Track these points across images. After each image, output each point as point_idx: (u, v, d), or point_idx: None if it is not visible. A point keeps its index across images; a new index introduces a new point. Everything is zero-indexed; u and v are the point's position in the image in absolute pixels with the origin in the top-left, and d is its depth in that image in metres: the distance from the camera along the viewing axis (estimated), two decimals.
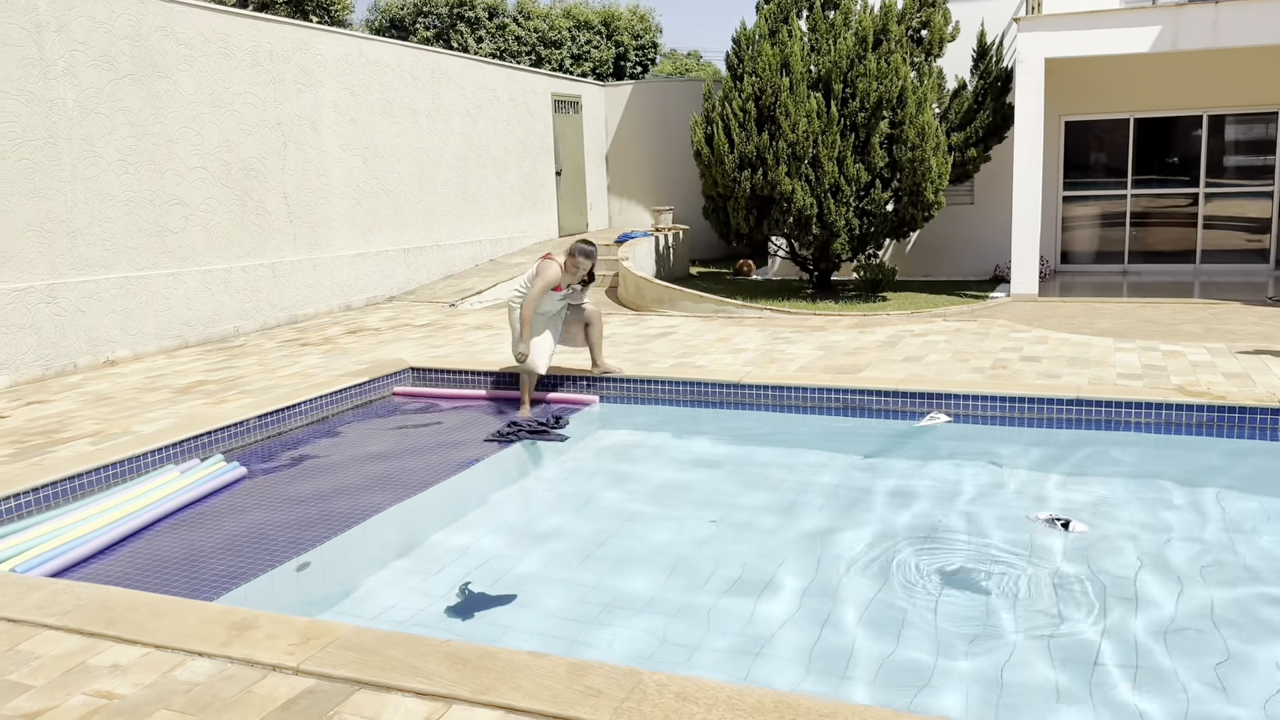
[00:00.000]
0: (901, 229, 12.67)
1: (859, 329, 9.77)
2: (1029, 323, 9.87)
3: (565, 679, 3.01)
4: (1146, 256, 14.20)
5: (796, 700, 2.85)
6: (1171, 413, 6.33)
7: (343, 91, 11.84)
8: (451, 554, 4.74)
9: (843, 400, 7.00)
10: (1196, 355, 7.84)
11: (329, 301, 11.66)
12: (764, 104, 12.21)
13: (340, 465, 6.16)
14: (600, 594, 4.22)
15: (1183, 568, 4.30)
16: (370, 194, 12.35)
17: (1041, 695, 3.32)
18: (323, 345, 9.53)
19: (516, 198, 15.56)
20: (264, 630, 3.42)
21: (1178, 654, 3.57)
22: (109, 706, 3.02)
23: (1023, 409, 6.60)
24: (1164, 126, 13.87)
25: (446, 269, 13.89)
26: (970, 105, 12.83)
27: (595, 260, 7.30)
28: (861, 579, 4.28)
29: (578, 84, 17.57)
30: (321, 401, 7.22)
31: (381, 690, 3.03)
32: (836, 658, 3.61)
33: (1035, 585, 4.16)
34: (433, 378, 8.11)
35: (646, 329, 10.18)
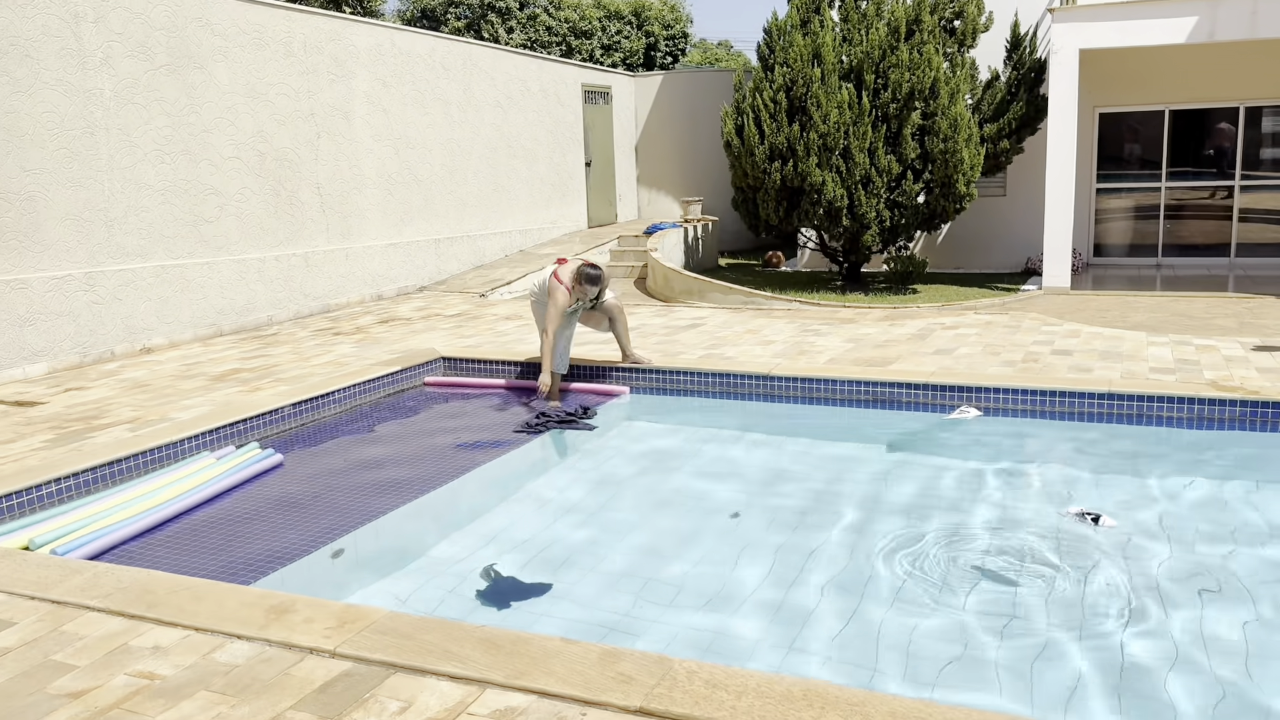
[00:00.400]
0: (933, 221, 12.59)
1: (889, 321, 9.74)
2: (1061, 316, 9.80)
3: (597, 665, 3.05)
4: (1181, 250, 14.03)
5: (825, 689, 2.88)
6: (1204, 408, 6.27)
7: (375, 82, 11.92)
8: (483, 541, 4.79)
9: (872, 393, 6.99)
10: (1230, 350, 7.76)
11: (361, 291, 11.77)
12: (795, 95, 12.17)
13: (373, 453, 6.24)
14: (631, 583, 4.26)
15: (1214, 563, 4.28)
16: (402, 184, 12.44)
17: (1068, 688, 3.32)
18: (355, 334, 9.63)
19: (546, 188, 15.60)
20: (301, 614, 3.48)
21: (1209, 649, 3.55)
22: (150, 687, 3.09)
23: (1054, 403, 6.56)
24: (1199, 118, 13.68)
25: (476, 259, 13.96)
26: (1003, 96, 12.73)
27: (604, 285, 7.26)
28: (889, 571, 4.29)
29: (608, 74, 17.58)
30: (354, 390, 7.31)
31: (417, 674, 3.09)
32: (865, 648, 3.63)
33: (1064, 580, 4.16)
34: (463, 367, 8.17)
35: (675, 320, 10.20)
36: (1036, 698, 3.28)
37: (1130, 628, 3.72)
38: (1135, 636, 3.66)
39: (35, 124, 8.12)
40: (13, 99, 7.95)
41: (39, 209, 8.17)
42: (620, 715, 2.82)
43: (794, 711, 2.77)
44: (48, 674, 3.20)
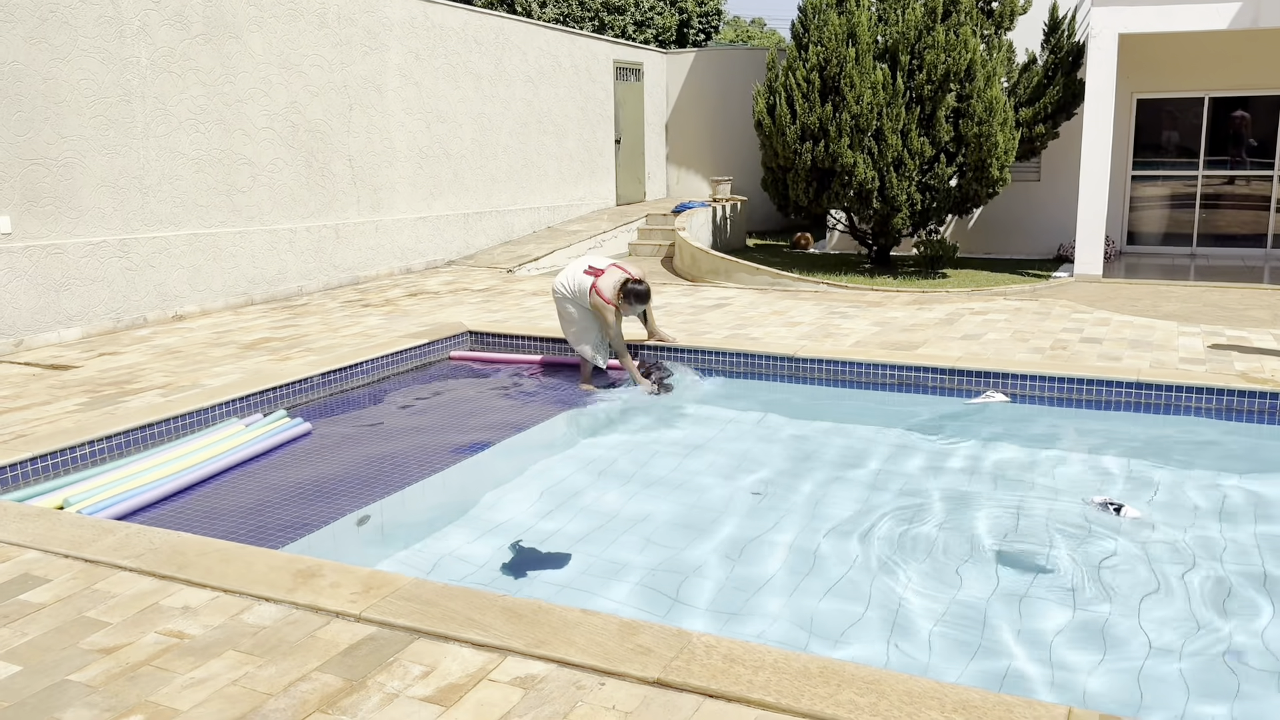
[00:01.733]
0: (964, 205, 12.49)
1: (917, 305, 9.69)
2: (1091, 304, 9.71)
3: (616, 636, 3.09)
4: (1216, 240, 13.84)
5: (842, 667, 2.90)
6: (1234, 399, 6.22)
7: (407, 55, 11.94)
8: (507, 514, 4.84)
9: (898, 376, 6.98)
10: (1262, 341, 7.67)
11: (390, 264, 11.84)
12: (828, 74, 12.08)
13: (400, 424, 6.31)
14: (651, 557, 4.30)
15: (1236, 553, 4.26)
16: (432, 158, 12.47)
17: (1086, 674, 3.33)
18: (384, 307, 9.70)
19: (576, 165, 15.59)
20: (328, 579, 3.54)
21: (1232, 636, 3.55)
22: (180, 645, 3.16)
23: (1081, 391, 6.53)
24: (1240, 107, 13.45)
25: (505, 235, 14.00)
26: (1040, 80, 12.57)
27: (649, 303, 7.10)
28: (911, 554, 4.30)
29: (640, 51, 17.50)
30: (383, 361, 7.37)
31: (440, 640, 3.14)
32: (884, 628, 3.65)
33: (1085, 567, 4.15)
34: (490, 342, 8.22)
35: (702, 300, 10.20)
36: (1054, 680, 3.29)
37: (1147, 615, 3.72)
38: (1151, 624, 3.66)
39: (73, 91, 8.21)
40: (51, 66, 8.03)
41: (75, 175, 8.27)
42: (638, 686, 2.86)
43: (810, 688, 2.80)
44: (80, 630, 3.28)
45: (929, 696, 2.76)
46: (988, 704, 2.72)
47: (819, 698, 2.75)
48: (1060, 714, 2.67)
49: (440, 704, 2.80)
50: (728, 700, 2.78)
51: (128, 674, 3.00)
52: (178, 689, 2.91)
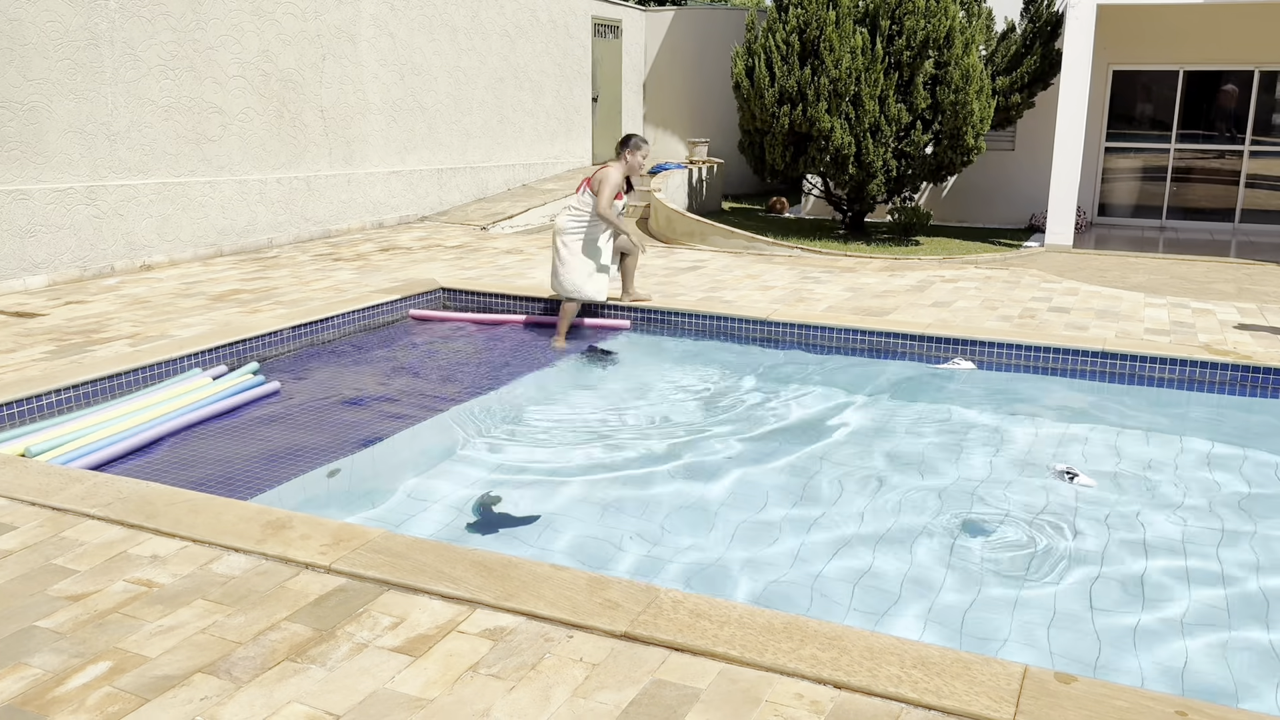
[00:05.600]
0: (939, 173, 12.52)
1: (889, 272, 9.75)
2: (1061, 274, 9.82)
3: (585, 591, 3.13)
4: (1185, 213, 13.99)
5: (806, 623, 2.96)
6: (1196, 370, 6.33)
7: (382, 5, 11.75)
8: (478, 470, 4.87)
9: (868, 342, 7.04)
10: (1226, 314, 7.80)
11: (362, 218, 11.73)
12: (808, 38, 12.01)
13: (371, 379, 6.29)
14: (620, 517, 4.34)
15: (1193, 524, 4.37)
16: (406, 111, 12.32)
17: (1042, 633, 3.42)
18: (355, 261, 9.63)
19: (552, 122, 15.46)
20: (298, 530, 3.56)
21: (1188, 598, 3.65)
22: (149, 594, 3.17)
23: (1047, 359, 6.62)
24: (1214, 80, 13.54)
25: (479, 191, 13.89)
26: (1018, 49, 12.58)
27: (646, 150, 7.25)
28: (873, 516, 4.38)
29: (619, 8, 17.32)
30: (355, 316, 7.34)
31: (410, 592, 3.17)
32: (846, 587, 3.72)
33: (1041, 532, 4.24)
34: (463, 299, 8.20)
35: (676, 262, 10.20)
36: (1010, 639, 3.38)
37: (1100, 578, 3.82)
38: (1105, 587, 3.75)
39: (39, 33, 8.03)
40: (16, 6, 7.84)
41: (41, 119, 8.11)
42: (605, 639, 2.90)
43: (774, 642, 2.86)
44: (48, 577, 3.28)
45: (889, 652, 2.82)
46: (946, 660, 2.79)
47: (782, 652, 2.81)
48: (1016, 671, 2.74)
49: (409, 654, 2.83)
50: (693, 654, 2.83)
51: (96, 621, 3.00)
52: (146, 636, 2.92)
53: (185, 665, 2.77)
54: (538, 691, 2.66)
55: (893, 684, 2.68)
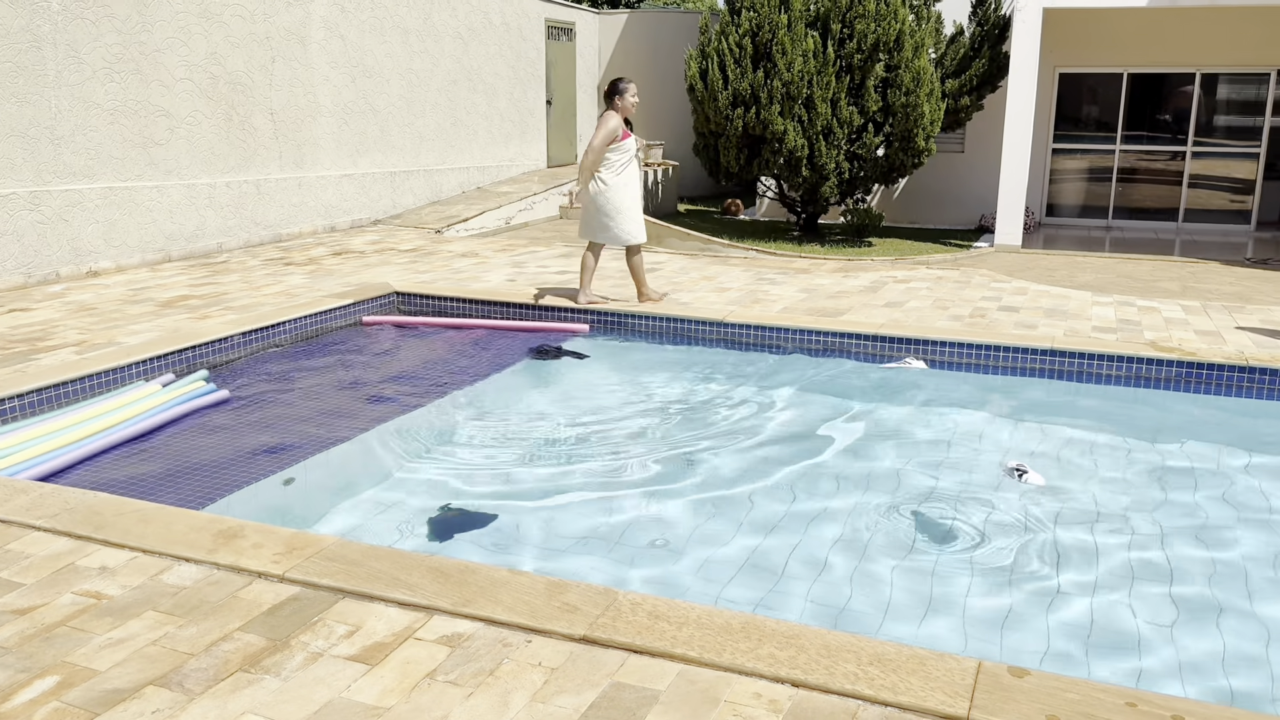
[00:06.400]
0: (891, 175, 12.67)
1: (843, 273, 9.84)
2: (1010, 273, 9.97)
3: (543, 595, 3.12)
4: (1131, 213, 14.29)
5: (763, 622, 2.98)
6: (1142, 367, 6.47)
7: (332, 7, 11.63)
8: (434, 475, 4.83)
9: (822, 342, 7.10)
10: (1171, 312, 7.97)
11: (313, 222, 11.60)
12: (760, 41, 12.09)
13: (324, 385, 6.23)
14: (581, 518, 4.34)
15: (1141, 520, 4.46)
16: (358, 114, 12.21)
17: (996, 630, 3.47)
18: (307, 265, 9.52)
19: (506, 125, 15.41)
20: (250, 539, 3.51)
21: (1131, 592, 3.72)
22: (97, 606, 3.11)
23: (997, 358, 6.72)
24: (1157, 83, 13.85)
25: (433, 194, 13.80)
26: (966, 52, 12.76)
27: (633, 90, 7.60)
28: (827, 514, 4.41)
29: (572, 10, 17.30)
30: (307, 321, 7.25)
31: (365, 600, 3.14)
32: (803, 585, 3.75)
33: (993, 529, 4.31)
34: (418, 303, 8.14)
35: None
36: (964, 633, 3.43)
37: (1051, 575, 3.89)
38: (1056, 583, 3.82)
39: None
40: None
41: None
42: (564, 643, 2.90)
43: (732, 642, 2.87)
44: None
45: (846, 650, 2.85)
46: (902, 657, 2.83)
47: (740, 652, 2.83)
48: (971, 666, 2.78)
49: (365, 662, 2.80)
50: (652, 655, 2.84)
51: (43, 634, 2.94)
52: (95, 649, 2.86)
53: (136, 678, 2.72)
54: (496, 697, 2.65)
55: (850, 681, 2.71)
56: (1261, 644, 3.40)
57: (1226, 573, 3.93)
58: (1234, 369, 6.30)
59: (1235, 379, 6.29)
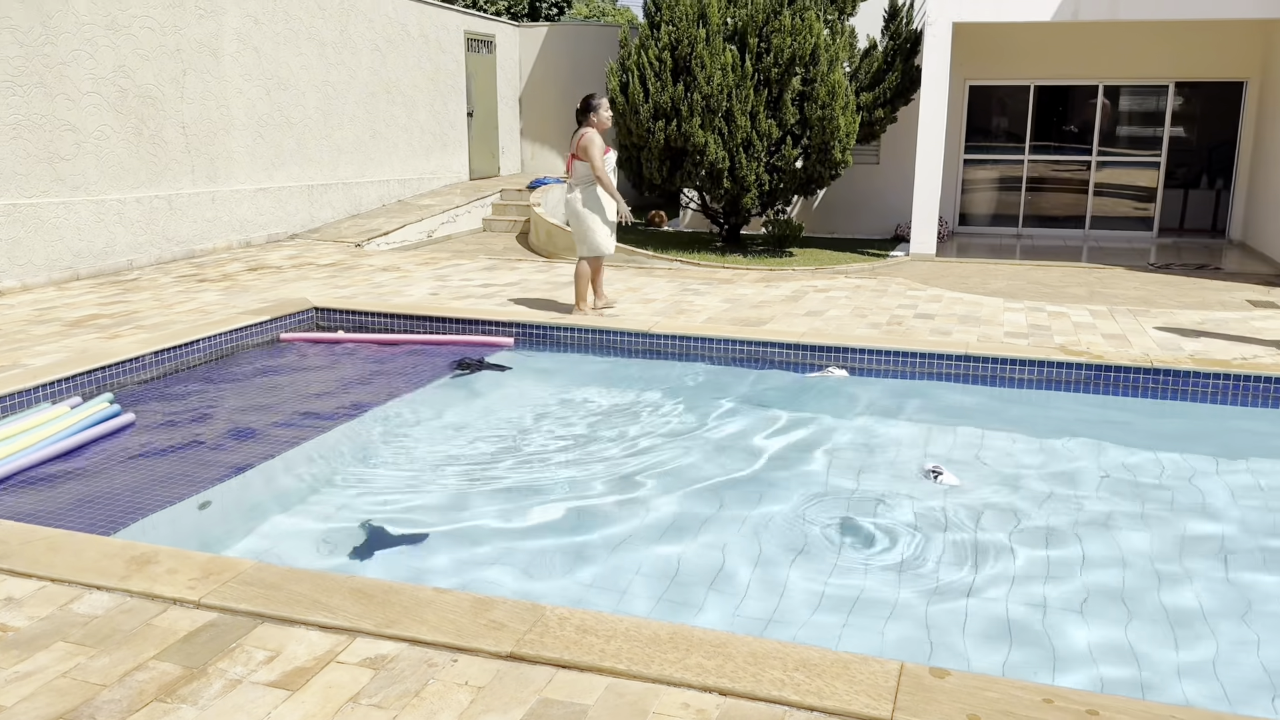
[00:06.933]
0: (809, 186, 12.86)
1: (765, 283, 9.97)
2: (925, 281, 10.20)
3: (469, 613, 3.09)
4: (1040, 221, 14.73)
5: (691, 632, 3.00)
6: (1052, 370, 6.67)
7: (246, 19, 11.41)
8: (355, 495, 4.76)
9: (746, 352, 7.18)
10: (1080, 317, 8.24)
11: (228, 237, 11.34)
12: (680, 54, 12.20)
13: (240, 404, 6.08)
14: (507, 533, 4.31)
15: (1053, 517, 4.59)
16: (273, 126, 11.99)
17: (918, 631, 3.54)
18: (222, 282, 9.30)
19: (427, 137, 15.27)
20: (164, 565, 3.41)
21: (1045, 590, 3.83)
22: (3, 639, 2.99)
23: (914, 364, 6.87)
24: (1062, 95, 14.33)
25: (353, 208, 13.61)
26: (880, 66, 13.04)
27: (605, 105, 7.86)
28: (752, 522, 4.46)
29: (492, 23, 17.25)
30: (221, 339, 7.08)
31: (285, 624, 3.08)
32: (730, 595, 3.78)
33: (911, 532, 4.40)
34: (338, 318, 8.01)
35: (558, 276, 10.20)
36: (887, 635, 3.49)
37: (967, 573, 3.98)
38: (973, 582, 3.91)
39: None
40: None
41: None
42: (491, 661, 2.88)
43: (660, 653, 2.88)
44: None
45: (772, 656, 2.88)
46: (826, 661, 2.87)
47: (669, 662, 2.84)
48: (893, 669, 2.84)
49: (286, 688, 2.75)
50: (580, 670, 2.83)
51: None
52: (1, 684, 2.75)
53: (44, 713, 2.62)
54: (422, 719, 2.61)
55: (776, 688, 2.74)
56: (1169, 635, 3.53)
57: (1135, 565, 4.07)
58: (1139, 370, 6.54)
59: (1140, 380, 6.53)
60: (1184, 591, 3.88)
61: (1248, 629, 3.60)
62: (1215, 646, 3.47)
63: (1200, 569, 4.07)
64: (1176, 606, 3.75)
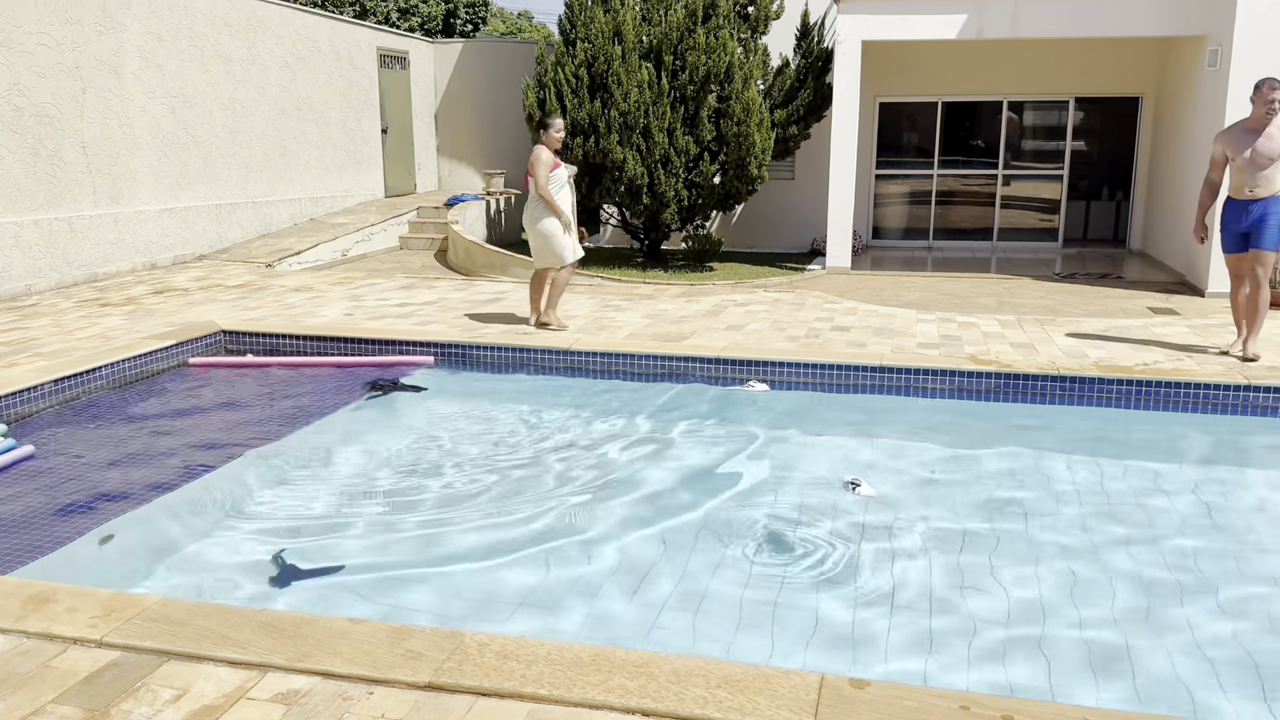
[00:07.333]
0: (727, 201, 12.99)
1: (686, 298, 10.02)
2: (841, 294, 10.37)
3: (385, 643, 3.02)
4: (950, 233, 15.11)
5: (613, 653, 2.97)
6: (964, 379, 6.83)
7: (149, 36, 11.10)
8: (267, 525, 4.62)
9: (667, 367, 7.19)
10: (989, 326, 8.45)
11: (133, 259, 10.99)
12: (596, 71, 12.23)
13: (146, 433, 5.88)
14: (426, 559, 4.23)
15: (968, 523, 4.69)
16: (179, 145, 11.67)
17: (836, 642, 3.57)
18: (126, 306, 9.00)
19: (340, 155, 15.03)
20: (63, 603, 3.26)
21: (953, 596, 3.90)
22: None
23: (832, 376, 6.97)
24: (969, 110, 14.74)
25: (263, 227, 13.31)
26: (793, 83, 13.25)
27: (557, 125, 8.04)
28: (673, 538, 4.45)
29: (405, 39, 17.08)
30: (124, 366, 6.84)
31: (192, 661, 2.96)
32: (647, 612, 3.76)
33: (830, 542, 4.44)
34: (247, 341, 7.80)
35: (477, 294, 10.11)
36: (811, 647, 3.51)
37: (885, 583, 4.03)
38: (889, 590, 3.97)
39: None
40: None
41: None
42: (409, 691, 2.81)
43: (583, 676, 2.85)
44: None
45: (695, 674, 2.87)
46: (749, 677, 2.87)
47: (591, 685, 2.81)
48: (813, 681, 2.85)
49: None
50: (501, 697, 2.78)
51: None
52: None
53: None
54: None
55: (699, 706, 2.73)
56: (1081, 638, 3.62)
57: (1048, 568, 4.17)
58: (1046, 378, 6.72)
59: (1047, 387, 6.72)
60: (1096, 593, 3.98)
61: (1156, 629, 3.71)
62: (1125, 647, 3.57)
63: (1112, 569, 4.19)
64: (1089, 610, 3.85)
